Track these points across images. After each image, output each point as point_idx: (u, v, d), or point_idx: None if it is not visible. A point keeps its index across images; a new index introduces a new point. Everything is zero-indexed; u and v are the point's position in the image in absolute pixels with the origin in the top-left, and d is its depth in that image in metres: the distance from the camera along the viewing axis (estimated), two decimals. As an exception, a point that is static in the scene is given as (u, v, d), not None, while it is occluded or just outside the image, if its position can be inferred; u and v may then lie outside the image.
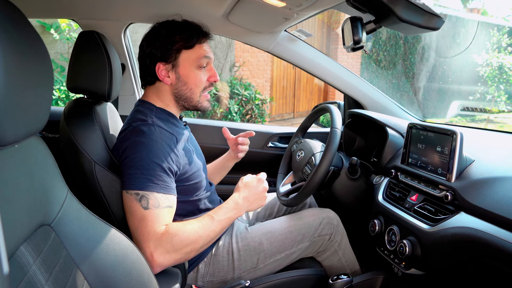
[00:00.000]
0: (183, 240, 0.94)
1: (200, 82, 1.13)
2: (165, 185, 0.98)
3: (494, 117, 5.76)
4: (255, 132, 1.87)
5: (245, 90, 5.48)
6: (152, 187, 0.96)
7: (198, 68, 1.12)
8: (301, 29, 1.59)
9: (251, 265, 1.18)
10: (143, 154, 0.98)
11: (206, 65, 1.13)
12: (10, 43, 0.52)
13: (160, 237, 0.92)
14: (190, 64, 1.11)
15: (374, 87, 1.72)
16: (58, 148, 1.08)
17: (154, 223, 0.93)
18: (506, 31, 6.18)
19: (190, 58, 1.11)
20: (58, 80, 3.63)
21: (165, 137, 1.03)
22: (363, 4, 0.96)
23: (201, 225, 0.99)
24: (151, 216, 0.94)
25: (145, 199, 0.94)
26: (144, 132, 1.01)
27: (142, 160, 0.97)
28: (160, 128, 1.04)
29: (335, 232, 1.28)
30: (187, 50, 1.10)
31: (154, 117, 1.08)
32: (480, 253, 0.86)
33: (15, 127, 0.55)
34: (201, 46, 1.12)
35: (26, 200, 0.61)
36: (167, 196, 0.98)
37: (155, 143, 0.99)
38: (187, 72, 1.11)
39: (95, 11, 1.49)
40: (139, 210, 0.94)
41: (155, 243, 0.91)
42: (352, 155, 1.53)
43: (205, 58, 1.12)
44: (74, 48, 1.13)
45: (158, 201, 0.95)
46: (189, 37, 1.10)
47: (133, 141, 1.00)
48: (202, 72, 1.13)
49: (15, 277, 0.55)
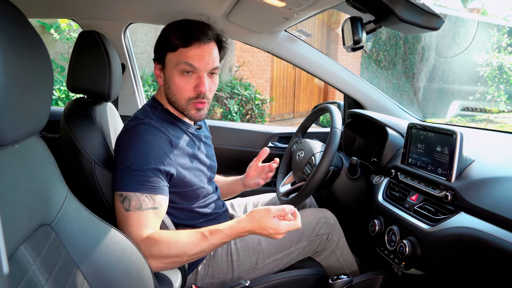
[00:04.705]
0: (162, 251, 0.89)
1: (181, 89, 1.04)
2: (151, 186, 0.95)
3: (494, 117, 5.75)
4: (255, 132, 1.87)
5: (245, 90, 5.48)
6: (135, 187, 0.93)
7: (180, 74, 1.03)
8: (301, 29, 1.59)
9: (250, 265, 1.18)
10: (131, 154, 0.96)
11: (192, 72, 1.03)
12: (10, 43, 0.52)
13: (142, 241, 0.90)
14: (172, 67, 1.04)
15: (374, 87, 1.72)
16: (58, 148, 1.08)
17: (135, 226, 0.91)
18: (506, 31, 6.18)
19: (172, 61, 1.03)
20: (58, 80, 3.63)
21: (158, 138, 1.00)
22: (363, 4, 0.96)
23: (189, 241, 0.91)
24: (132, 219, 0.92)
25: (127, 200, 0.93)
26: (136, 132, 0.99)
27: (129, 160, 0.95)
28: (155, 129, 1.01)
29: (332, 232, 1.28)
30: (171, 52, 1.03)
31: (154, 117, 1.06)
32: (480, 253, 0.86)
33: (15, 127, 0.55)
34: (185, 50, 1.01)
35: (26, 200, 0.61)
36: (152, 196, 0.94)
37: (145, 143, 0.97)
38: (170, 76, 1.04)
39: (95, 11, 1.49)
40: (121, 211, 0.93)
41: (139, 246, 0.87)
42: (352, 155, 1.53)
43: (184, 65, 1.01)
44: (74, 48, 1.13)
45: (141, 202, 0.93)
46: (171, 38, 1.02)
47: (124, 141, 1.00)
48: (185, 79, 1.03)
49: (15, 277, 0.55)
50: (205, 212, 1.17)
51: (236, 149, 1.80)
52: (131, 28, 1.68)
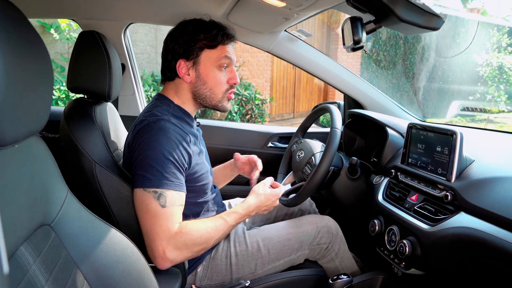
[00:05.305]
0: (196, 240, 0.97)
1: (220, 82, 1.12)
2: (179, 183, 1.00)
3: (494, 117, 5.75)
4: (255, 132, 1.87)
5: (245, 90, 5.48)
6: (168, 184, 0.97)
7: (218, 69, 1.11)
8: (301, 29, 1.59)
9: (249, 270, 1.18)
10: (158, 151, 0.98)
11: (227, 66, 1.13)
12: (10, 43, 0.52)
13: (174, 236, 0.94)
14: (211, 63, 1.11)
15: (374, 87, 1.72)
16: (58, 148, 1.08)
17: (169, 221, 0.95)
18: (506, 31, 6.18)
19: (212, 58, 1.10)
20: (58, 80, 3.63)
21: (179, 136, 1.03)
22: (363, 4, 0.96)
23: (214, 226, 1.02)
24: (167, 214, 0.95)
25: (163, 197, 0.96)
26: (158, 129, 1.01)
27: (158, 158, 0.98)
28: (175, 126, 1.04)
29: (333, 242, 1.28)
30: (210, 50, 1.10)
31: (170, 114, 1.08)
32: (480, 253, 0.86)
33: (15, 127, 0.55)
34: (224, 47, 1.12)
35: (26, 200, 0.61)
36: (180, 194, 1.00)
37: (170, 140, 1.00)
38: (207, 72, 1.11)
39: (95, 11, 1.49)
40: (156, 208, 0.95)
41: (168, 241, 0.94)
42: (352, 155, 1.53)
43: (225, 58, 1.11)
44: (74, 48, 1.13)
45: (174, 199, 0.97)
46: (214, 36, 1.10)
47: (148, 138, 1.00)
48: (222, 73, 1.12)
49: (15, 277, 0.55)
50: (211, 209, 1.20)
51: (236, 149, 1.80)
52: (131, 28, 1.69)
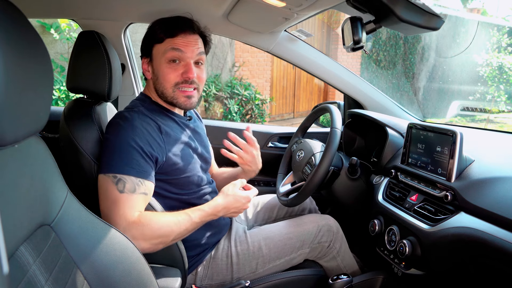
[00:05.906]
0: (155, 231, 0.93)
1: (168, 77, 1.09)
2: (142, 170, 0.98)
3: (494, 117, 5.75)
4: (255, 132, 1.87)
5: (245, 90, 5.48)
6: (128, 171, 0.96)
7: (167, 62, 1.09)
8: (301, 29, 1.59)
9: (250, 269, 1.18)
10: (121, 137, 0.99)
11: (179, 59, 1.10)
12: (10, 43, 0.52)
13: (131, 224, 0.92)
14: (160, 57, 1.10)
15: (374, 87, 1.72)
16: (58, 148, 1.08)
17: (126, 208, 0.93)
18: (506, 31, 6.18)
19: (160, 52, 1.10)
20: (58, 80, 3.63)
21: (146, 124, 1.04)
22: (363, 4, 0.96)
23: (176, 220, 0.97)
24: (125, 200, 0.94)
25: (121, 182, 0.95)
26: (125, 117, 1.03)
27: (120, 144, 0.98)
28: (144, 115, 1.06)
29: (334, 240, 1.28)
30: (159, 44, 1.10)
31: (142, 107, 1.10)
32: (480, 253, 0.86)
33: (15, 127, 0.55)
34: (171, 40, 1.09)
35: (26, 200, 0.61)
36: (143, 181, 0.98)
37: (134, 127, 1.01)
38: (158, 67, 1.11)
39: (95, 11, 1.49)
40: (114, 192, 0.94)
41: (125, 228, 0.91)
42: (352, 155, 1.53)
43: (173, 51, 1.08)
44: (74, 48, 1.13)
45: (135, 186, 0.96)
46: (160, 30, 1.10)
47: (113, 126, 1.03)
48: (172, 67, 1.09)
49: (15, 277, 0.55)
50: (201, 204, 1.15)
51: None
52: (131, 28, 1.68)
